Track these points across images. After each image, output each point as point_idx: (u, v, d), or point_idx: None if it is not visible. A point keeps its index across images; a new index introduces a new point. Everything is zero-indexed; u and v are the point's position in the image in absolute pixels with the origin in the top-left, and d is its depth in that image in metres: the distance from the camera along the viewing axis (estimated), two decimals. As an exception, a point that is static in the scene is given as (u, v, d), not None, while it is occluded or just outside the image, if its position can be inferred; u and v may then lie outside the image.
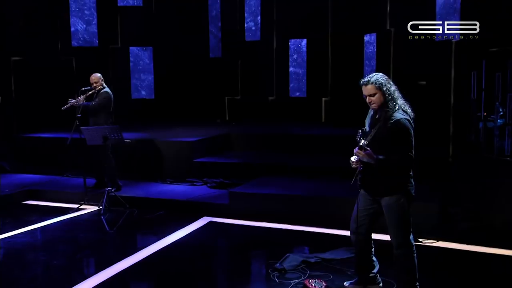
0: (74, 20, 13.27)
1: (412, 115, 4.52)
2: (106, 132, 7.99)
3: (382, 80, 4.50)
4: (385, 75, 4.59)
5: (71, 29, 13.27)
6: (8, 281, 5.49)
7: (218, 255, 6.42)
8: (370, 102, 4.60)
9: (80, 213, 8.10)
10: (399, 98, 4.52)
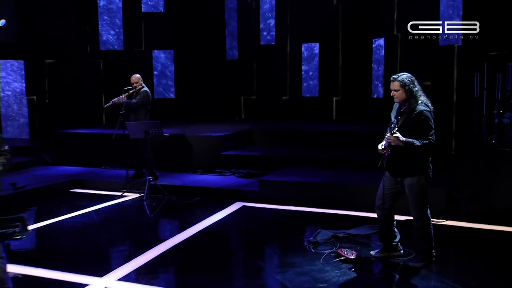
0: (103, 26, 13.89)
1: (432, 108, 5.34)
2: (148, 127, 8.79)
3: (406, 80, 5.31)
4: (412, 76, 5.37)
5: (99, 34, 13.88)
6: (81, 252, 6.32)
7: (255, 233, 7.12)
8: (393, 96, 5.43)
9: (124, 200, 8.88)
10: (422, 95, 5.33)
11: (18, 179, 9.29)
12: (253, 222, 7.59)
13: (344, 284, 5.18)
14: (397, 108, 5.48)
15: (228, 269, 5.97)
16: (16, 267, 5.39)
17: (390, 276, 5.49)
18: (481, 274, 5.40)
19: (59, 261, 5.92)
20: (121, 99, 9.40)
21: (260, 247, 6.45)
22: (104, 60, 14.04)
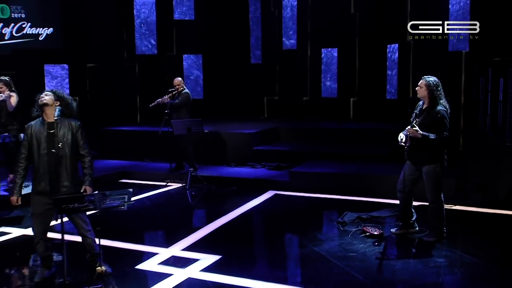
0: (138, 32, 14.84)
1: (449, 110, 6.30)
2: (191, 124, 9.80)
3: (431, 83, 6.27)
4: (438, 81, 6.33)
5: (135, 39, 14.84)
6: (146, 229, 7.34)
7: (290, 215, 8.07)
8: (417, 90, 6.41)
9: (168, 189, 9.89)
10: (442, 98, 6.29)
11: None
12: (287, 207, 8.55)
13: (370, 253, 6.17)
14: (420, 106, 6.44)
15: (271, 242, 6.98)
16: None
17: (408, 248, 6.47)
18: (485, 247, 6.37)
19: (130, 235, 6.95)
20: (164, 99, 10.39)
21: (295, 226, 7.43)
22: (139, 64, 14.93)
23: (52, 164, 5.16)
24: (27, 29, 13.69)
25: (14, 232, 7.33)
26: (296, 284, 5.43)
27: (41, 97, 5.23)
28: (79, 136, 5.30)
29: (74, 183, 5.30)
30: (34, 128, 5.22)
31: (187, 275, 5.60)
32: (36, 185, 5.22)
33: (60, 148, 5.17)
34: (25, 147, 5.23)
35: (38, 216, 5.28)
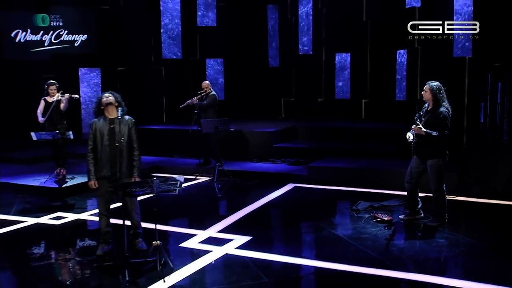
0: (164, 38, 15.69)
1: (451, 111, 7.12)
2: (218, 123, 10.68)
3: (434, 87, 7.08)
4: (441, 86, 7.12)
5: (162, 44, 15.71)
6: (185, 214, 8.24)
7: (309, 205, 8.89)
8: (422, 94, 7.23)
9: (197, 182, 10.77)
10: (445, 100, 7.10)
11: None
12: (306, 198, 9.40)
13: (381, 235, 7.03)
14: (426, 108, 7.27)
15: (293, 226, 7.84)
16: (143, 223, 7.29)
17: (414, 231, 7.30)
18: (481, 230, 7.21)
19: (170, 220, 7.85)
20: (193, 100, 11.27)
21: (314, 214, 8.26)
22: (165, 67, 15.79)
23: (113, 154, 6.11)
24: (64, 36, 14.67)
25: (69, 217, 8.27)
26: (318, 258, 6.32)
27: (106, 97, 6.16)
28: (133, 131, 6.24)
29: (130, 170, 6.22)
30: (98, 124, 6.17)
31: (224, 251, 6.49)
32: (99, 171, 6.15)
33: (118, 140, 6.09)
34: (91, 139, 6.17)
35: (101, 197, 6.23)
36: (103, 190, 6.23)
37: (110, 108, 6.19)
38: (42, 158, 11.87)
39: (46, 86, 10.09)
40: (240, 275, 5.77)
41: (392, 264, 6.00)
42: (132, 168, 6.27)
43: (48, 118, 9.92)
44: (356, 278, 5.69)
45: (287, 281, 5.75)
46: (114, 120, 6.22)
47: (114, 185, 6.18)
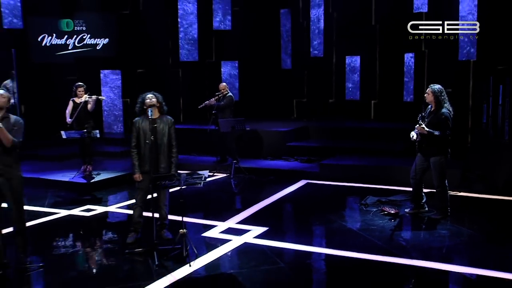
0: (182, 41, 16.25)
1: (453, 112, 7.61)
2: (235, 123, 11.22)
3: (436, 90, 7.55)
4: (442, 88, 7.58)
5: (179, 47, 16.25)
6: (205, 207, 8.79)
7: (320, 199, 9.39)
8: (425, 96, 7.72)
9: (215, 178, 11.32)
10: (447, 102, 7.57)
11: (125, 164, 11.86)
12: (317, 193, 9.92)
13: (388, 227, 7.55)
14: (429, 109, 7.76)
15: (306, 218, 8.35)
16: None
17: (418, 223, 7.81)
18: (480, 223, 7.72)
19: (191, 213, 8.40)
20: (211, 101, 11.80)
21: (325, 207, 8.75)
22: (182, 69, 16.33)
23: (154, 151, 6.64)
24: (87, 40, 15.28)
25: (98, 209, 8.86)
26: (328, 247, 6.85)
27: (150, 98, 6.70)
28: (172, 130, 6.79)
29: (169, 165, 6.76)
30: (140, 122, 6.72)
31: (243, 240, 7.03)
32: (142, 166, 6.69)
33: (160, 138, 6.65)
34: (135, 137, 6.72)
35: (140, 189, 6.78)
36: (144, 183, 6.75)
37: (152, 109, 6.73)
38: (68, 156, 12.45)
39: (75, 88, 10.67)
40: (258, 260, 6.32)
41: (397, 252, 6.52)
42: (170, 164, 6.79)
43: (75, 118, 10.49)
44: (364, 264, 6.21)
45: (301, 266, 6.29)
46: (156, 120, 6.75)
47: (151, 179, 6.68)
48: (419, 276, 5.97)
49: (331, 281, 6.01)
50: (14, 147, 5.84)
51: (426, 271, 5.99)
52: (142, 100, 6.84)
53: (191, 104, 14.26)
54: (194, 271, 6.00)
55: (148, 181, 6.67)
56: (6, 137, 5.73)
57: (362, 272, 6.05)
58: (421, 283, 5.86)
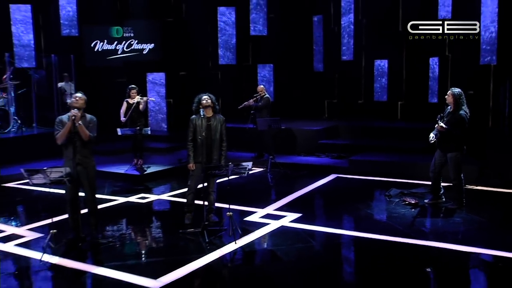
0: (221, 45, 17.19)
1: (469, 114, 8.37)
2: (271, 122, 12.17)
3: (456, 93, 8.30)
4: (461, 91, 8.30)
5: (219, 51, 17.24)
6: (245, 196, 9.72)
7: (348, 191, 10.25)
8: (446, 97, 8.52)
9: (253, 172, 12.22)
10: (464, 104, 8.30)
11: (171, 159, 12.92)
12: (346, 186, 10.80)
13: (408, 214, 8.40)
14: (448, 109, 8.55)
15: (335, 207, 9.23)
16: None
17: (436, 212, 8.62)
18: (492, 212, 8.52)
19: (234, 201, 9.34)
20: (250, 102, 12.76)
21: (353, 198, 9.62)
22: (221, 72, 17.29)
23: (208, 145, 7.60)
24: (134, 45, 16.42)
25: (151, 197, 9.92)
26: (355, 230, 7.75)
27: (205, 99, 7.64)
28: (223, 127, 7.73)
29: (219, 157, 7.72)
30: (196, 120, 7.67)
31: (280, 224, 7.98)
32: (196, 157, 7.65)
33: (213, 134, 7.61)
34: (191, 132, 7.67)
35: (194, 177, 7.74)
36: (197, 172, 7.70)
37: (207, 108, 7.70)
38: (121, 151, 13.56)
39: (128, 90, 11.75)
40: (293, 240, 7.27)
41: (415, 235, 7.38)
42: (220, 157, 7.75)
43: (129, 117, 11.57)
44: (385, 244, 7.08)
45: (331, 245, 7.24)
46: (210, 118, 7.72)
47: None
48: (433, 254, 6.81)
49: (356, 257, 6.94)
50: (90, 141, 6.91)
51: (439, 250, 6.84)
52: (198, 100, 7.76)
53: (230, 104, 15.14)
54: (239, 247, 6.96)
55: (201, 170, 7.61)
56: (84, 132, 6.80)
57: (383, 251, 6.93)
58: (435, 260, 6.69)
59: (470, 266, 6.58)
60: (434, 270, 6.32)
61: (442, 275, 6.21)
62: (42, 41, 16.19)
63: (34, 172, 6.58)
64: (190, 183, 7.84)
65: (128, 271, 6.20)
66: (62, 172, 6.63)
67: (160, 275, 6.03)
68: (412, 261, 6.59)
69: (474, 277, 6.33)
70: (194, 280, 6.14)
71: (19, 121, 13.92)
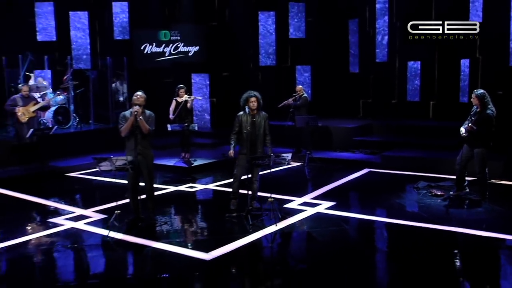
0: (261, 48, 17.95)
1: (495, 112, 8.90)
2: (309, 120, 12.91)
3: (479, 94, 8.86)
4: (485, 92, 8.86)
5: (259, 54, 17.97)
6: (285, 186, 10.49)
7: (380, 184, 10.92)
8: (471, 100, 9.13)
9: (291, 166, 13.01)
10: (489, 103, 8.83)
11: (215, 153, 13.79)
12: (378, 179, 11.45)
13: (434, 204, 9.05)
14: (475, 109, 9.11)
15: (367, 196, 9.93)
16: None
17: (459, 203, 9.20)
18: (513, 203, 9.12)
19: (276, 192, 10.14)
20: (289, 101, 13.54)
21: (384, 190, 10.29)
22: (262, 73, 18.04)
23: (252, 139, 8.38)
24: (180, 48, 17.36)
25: (198, 187, 10.81)
26: (386, 216, 8.47)
27: (252, 101, 8.38)
28: (266, 123, 8.51)
29: (263, 149, 8.50)
30: (242, 116, 8.48)
31: (316, 210, 8.74)
32: (241, 150, 8.46)
33: (257, 130, 8.40)
34: (236, 127, 8.47)
35: (240, 167, 8.54)
36: (243, 162, 8.45)
37: (252, 105, 8.47)
38: (169, 146, 14.48)
39: (177, 89, 12.66)
40: (328, 223, 8.03)
41: (439, 221, 8.04)
42: (263, 149, 8.52)
43: (177, 114, 12.48)
44: (411, 229, 7.77)
45: (363, 229, 7.99)
46: (255, 115, 8.50)
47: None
48: (454, 238, 7.48)
49: (385, 240, 7.67)
50: (149, 134, 7.80)
51: (463, 235, 7.51)
52: (246, 98, 8.52)
53: (270, 103, 15.85)
54: (278, 229, 7.75)
55: (246, 161, 8.40)
56: (144, 126, 7.69)
57: (409, 234, 7.64)
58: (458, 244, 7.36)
59: (491, 249, 7.16)
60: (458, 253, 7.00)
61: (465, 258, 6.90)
62: (97, 45, 17.32)
63: (102, 160, 7.52)
64: (236, 173, 8.63)
65: (183, 246, 7.07)
66: (126, 160, 7.53)
67: (210, 250, 6.86)
68: (436, 244, 7.24)
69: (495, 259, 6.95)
70: (239, 255, 6.96)
71: (77, 118, 15.03)
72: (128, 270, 6.81)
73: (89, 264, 6.88)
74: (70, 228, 8.05)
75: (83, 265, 6.89)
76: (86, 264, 6.89)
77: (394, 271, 6.56)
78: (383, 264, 6.87)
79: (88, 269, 6.73)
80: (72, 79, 15.32)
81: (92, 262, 6.88)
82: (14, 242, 7.36)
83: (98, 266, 6.78)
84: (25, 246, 7.29)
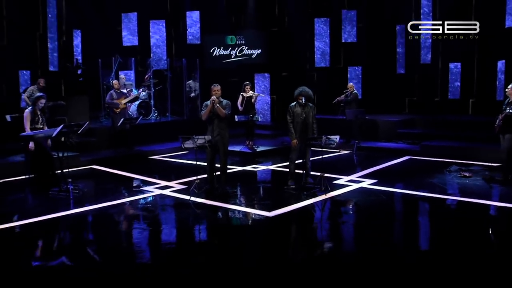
0: (317, 51, 19.41)
1: None
2: (358, 113, 14.19)
3: None
4: None
5: (315, 56, 19.41)
6: (336, 168, 11.85)
7: (419, 169, 12.00)
8: (506, 91, 10.20)
9: (341, 153, 14.31)
10: None
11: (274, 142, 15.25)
12: (417, 164, 12.60)
13: (461, 182, 10.23)
14: (508, 100, 10.13)
15: (406, 176, 11.13)
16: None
17: (483, 182, 10.29)
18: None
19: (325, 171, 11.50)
20: (341, 98, 14.89)
21: (421, 173, 11.45)
22: (317, 73, 19.43)
23: (303, 127, 9.75)
24: (245, 51, 18.93)
25: (261, 168, 12.33)
26: (419, 190, 9.67)
27: (301, 98, 9.77)
28: (314, 112, 9.88)
29: (312, 135, 9.86)
30: (294, 107, 9.88)
31: (360, 186, 10.07)
32: (295, 135, 9.84)
33: (307, 118, 9.77)
34: (291, 116, 9.85)
35: (294, 151, 9.92)
36: (297, 147, 9.91)
37: (301, 98, 9.86)
38: (236, 135, 15.92)
39: (244, 86, 14.17)
40: (369, 195, 9.36)
41: (460, 194, 9.28)
42: (312, 135, 9.86)
43: (244, 107, 14.00)
44: (437, 200, 9.01)
45: (398, 199, 9.29)
46: (304, 107, 9.87)
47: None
48: (471, 208, 8.66)
49: (417, 208, 8.95)
50: (225, 117, 9.31)
51: (479, 205, 8.68)
52: (299, 92, 9.90)
53: (324, 100, 17.17)
54: (328, 197, 9.13)
55: (299, 145, 9.78)
56: (221, 111, 9.22)
57: (436, 205, 8.90)
58: (474, 212, 8.53)
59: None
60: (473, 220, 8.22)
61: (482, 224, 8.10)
62: (173, 49, 19.14)
63: (187, 138, 9.10)
64: (292, 156, 10.01)
65: (250, 207, 8.59)
66: (205, 140, 9.10)
67: (272, 210, 8.33)
68: (454, 211, 8.51)
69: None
70: (295, 215, 8.39)
71: (156, 111, 16.84)
72: (206, 223, 8.33)
73: (175, 219, 8.45)
74: (159, 194, 9.68)
75: (172, 219, 8.48)
76: (174, 219, 8.48)
77: (422, 229, 7.87)
78: (410, 223, 8.13)
79: (176, 221, 8.32)
80: (152, 78, 17.13)
81: (179, 217, 8.46)
82: (116, 202, 9.07)
83: (184, 220, 8.34)
84: (126, 206, 8.98)
